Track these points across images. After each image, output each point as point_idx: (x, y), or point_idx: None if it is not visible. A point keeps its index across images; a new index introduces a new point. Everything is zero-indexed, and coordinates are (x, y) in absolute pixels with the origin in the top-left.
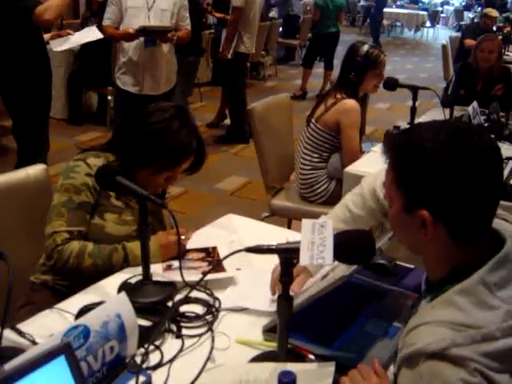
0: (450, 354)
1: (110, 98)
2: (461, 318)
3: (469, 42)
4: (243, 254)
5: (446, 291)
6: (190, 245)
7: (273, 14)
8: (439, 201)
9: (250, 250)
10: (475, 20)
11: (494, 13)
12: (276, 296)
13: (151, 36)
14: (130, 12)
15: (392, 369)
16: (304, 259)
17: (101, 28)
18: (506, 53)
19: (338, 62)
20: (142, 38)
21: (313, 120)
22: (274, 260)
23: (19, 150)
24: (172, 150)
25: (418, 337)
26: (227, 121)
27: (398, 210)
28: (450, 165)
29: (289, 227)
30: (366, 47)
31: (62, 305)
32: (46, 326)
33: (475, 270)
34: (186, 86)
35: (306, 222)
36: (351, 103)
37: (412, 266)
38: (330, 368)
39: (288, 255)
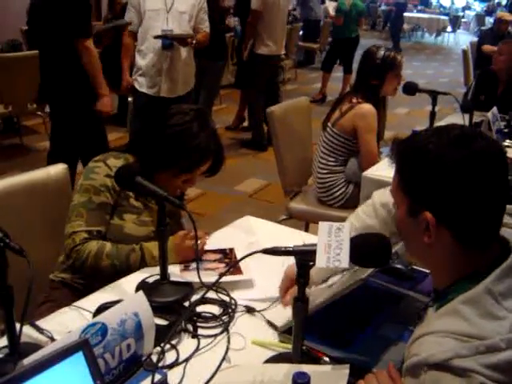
0: (453, 365)
1: (130, 99)
2: (466, 328)
3: (487, 47)
4: (260, 256)
5: (452, 300)
6: (207, 246)
7: (296, 13)
8: (442, 203)
9: (266, 251)
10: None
11: (508, 16)
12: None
13: (171, 40)
14: (149, 15)
15: None
16: (320, 261)
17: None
18: None
19: (356, 66)
20: (159, 42)
21: (329, 124)
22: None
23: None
24: (191, 152)
25: (422, 347)
26: (246, 123)
27: (403, 215)
28: (452, 167)
29: (306, 230)
30: (382, 50)
31: (80, 302)
32: (65, 323)
33: (481, 278)
34: (214, 89)
35: (323, 225)
36: (367, 107)
37: (428, 271)
38: (344, 370)
39: (304, 257)
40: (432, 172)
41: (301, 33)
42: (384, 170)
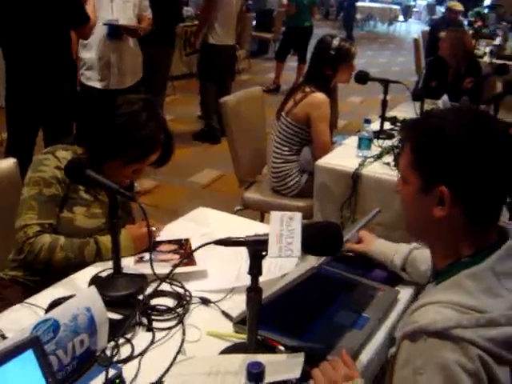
0: (454, 335)
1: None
2: (468, 300)
3: (442, 34)
4: (214, 247)
5: (455, 275)
6: (162, 237)
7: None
8: (460, 179)
9: (219, 242)
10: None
11: (457, 6)
12: (237, 271)
13: (119, 29)
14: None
15: (361, 359)
16: (272, 251)
17: None
18: (477, 47)
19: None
20: (105, 32)
21: (283, 114)
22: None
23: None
24: (140, 142)
25: (423, 315)
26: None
27: (413, 191)
28: (470, 146)
29: (261, 220)
30: (336, 41)
31: (32, 299)
32: (17, 321)
33: (484, 257)
34: (165, 77)
35: (275, 214)
36: (320, 96)
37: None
38: (299, 359)
39: (257, 247)
40: (451, 151)
41: (254, 23)
42: (337, 158)
